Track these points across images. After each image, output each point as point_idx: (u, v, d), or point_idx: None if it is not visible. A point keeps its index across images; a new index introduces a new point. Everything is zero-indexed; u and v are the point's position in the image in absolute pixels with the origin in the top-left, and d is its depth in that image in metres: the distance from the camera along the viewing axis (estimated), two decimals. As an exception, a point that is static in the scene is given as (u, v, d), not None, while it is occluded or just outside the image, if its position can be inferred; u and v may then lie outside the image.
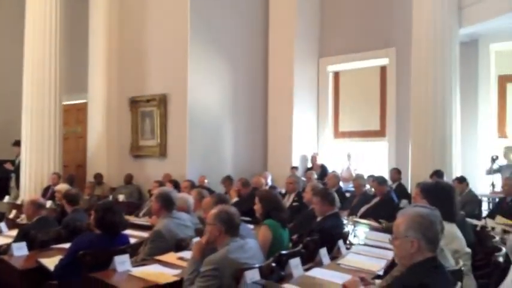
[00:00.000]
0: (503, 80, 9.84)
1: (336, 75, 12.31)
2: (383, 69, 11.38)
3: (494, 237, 4.87)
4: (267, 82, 12.06)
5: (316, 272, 3.68)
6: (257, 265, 3.39)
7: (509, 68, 9.75)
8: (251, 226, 5.37)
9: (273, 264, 3.59)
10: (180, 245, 4.49)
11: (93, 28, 11.61)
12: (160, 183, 8.34)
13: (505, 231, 5.36)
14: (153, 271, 3.77)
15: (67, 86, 10.71)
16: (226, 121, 11.22)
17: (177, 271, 3.74)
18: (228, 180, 9.14)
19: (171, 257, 4.19)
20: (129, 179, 10.97)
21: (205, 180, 9.37)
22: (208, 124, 10.74)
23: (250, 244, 3.61)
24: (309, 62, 12.05)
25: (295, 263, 3.56)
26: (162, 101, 10.53)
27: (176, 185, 8.61)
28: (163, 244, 4.46)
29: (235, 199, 8.23)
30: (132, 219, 7.03)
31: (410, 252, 2.65)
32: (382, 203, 7.46)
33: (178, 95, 10.38)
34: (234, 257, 3.36)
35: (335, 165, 11.75)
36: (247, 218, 6.06)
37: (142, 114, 10.99)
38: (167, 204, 4.72)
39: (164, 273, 3.73)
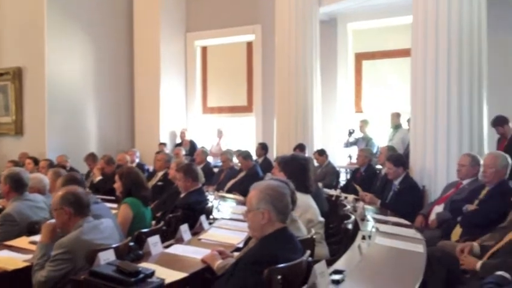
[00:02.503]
0: (359, 58, 10.43)
1: (204, 50, 12.26)
2: (249, 45, 11.54)
3: (346, 206, 5.19)
4: (132, 57, 11.76)
5: (176, 249, 3.64)
6: (113, 245, 3.28)
7: (365, 46, 10.35)
8: (115, 205, 5.25)
9: (131, 244, 3.50)
10: (33, 228, 4.21)
11: None
12: (16, 163, 7.78)
13: (356, 200, 5.72)
14: (1, 257, 3.51)
15: None
16: (90, 96, 10.81)
17: (28, 256, 3.50)
18: (91, 158, 8.78)
19: (22, 241, 3.93)
20: (-21, 160, 10.12)
21: (67, 159, 8.90)
22: (70, 100, 10.28)
23: (106, 224, 3.48)
24: (176, 37, 11.88)
25: (154, 241, 3.50)
26: (17, 75, 9.84)
27: (37, 163, 8.13)
28: (14, 228, 4.15)
29: (99, 178, 7.95)
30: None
31: (261, 224, 2.72)
32: (247, 177, 7.63)
33: (35, 69, 9.77)
34: (88, 238, 3.22)
35: (204, 140, 11.79)
36: (111, 197, 5.89)
37: (-6, 89, 10.17)
38: (17, 185, 4.38)
39: (14, 258, 3.49)
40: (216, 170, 9.16)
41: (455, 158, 5.67)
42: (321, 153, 8.56)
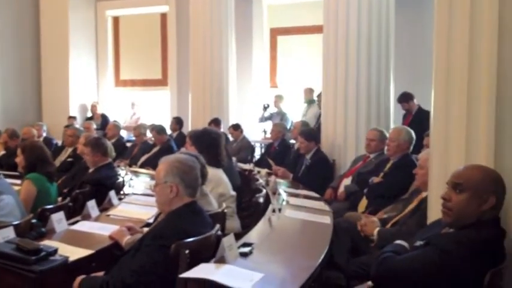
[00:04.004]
0: (274, 33, 10.48)
1: (116, 20, 11.82)
2: (163, 16, 11.25)
3: (258, 180, 5.24)
4: (38, 26, 11.15)
5: (82, 226, 3.52)
6: (14, 222, 3.12)
7: (280, 22, 10.41)
8: (19, 181, 5.01)
9: (34, 221, 3.34)
10: None
11: None
12: None
13: (269, 174, 5.79)
14: None
15: None
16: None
17: None
18: (-8, 132, 8.27)
19: None
20: None
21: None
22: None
23: (7, 200, 3.32)
24: (86, 6, 11.39)
25: (58, 218, 3.35)
26: None
27: None
28: None
29: (1, 152, 7.53)
30: None
31: (169, 198, 2.68)
32: (161, 152, 7.45)
33: None
34: (-15, 216, 3.05)
35: (117, 114, 11.46)
36: (15, 173, 5.61)
37: None
38: None
39: None
40: (129, 144, 8.96)
41: (363, 133, 5.88)
42: (236, 127, 8.57)
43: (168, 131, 8.69)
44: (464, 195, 2.26)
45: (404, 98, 7.27)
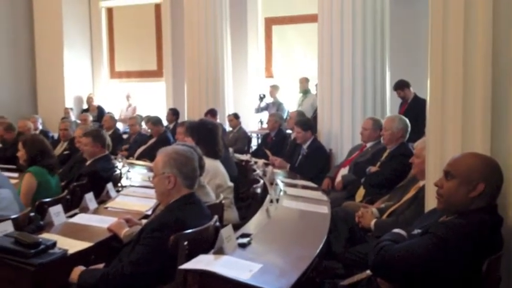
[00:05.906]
0: (269, 22, 10.44)
1: (109, 11, 11.77)
2: (157, 7, 11.20)
3: (255, 171, 5.24)
4: (32, 18, 11.12)
5: (80, 218, 3.52)
6: (12, 216, 3.12)
7: (275, 11, 10.37)
8: (16, 174, 5.01)
9: (32, 214, 3.34)
10: None
11: None
12: None
13: (266, 165, 5.79)
14: None
15: None
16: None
17: None
18: (-12, 125, 8.21)
19: None
20: None
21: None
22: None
23: (4, 194, 3.31)
24: (79, -2, 11.35)
25: (56, 211, 3.35)
26: None
27: None
28: None
29: (-2, 145, 7.51)
30: None
31: (167, 189, 2.69)
32: (158, 143, 7.44)
33: None
34: (-17, 210, 3.05)
35: (113, 106, 11.44)
36: (12, 166, 5.60)
37: None
38: None
39: None
40: (125, 136, 8.95)
41: (359, 122, 5.87)
42: (236, 116, 8.56)
43: (165, 123, 8.67)
44: (453, 182, 2.27)
45: (400, 86, 7.26)
